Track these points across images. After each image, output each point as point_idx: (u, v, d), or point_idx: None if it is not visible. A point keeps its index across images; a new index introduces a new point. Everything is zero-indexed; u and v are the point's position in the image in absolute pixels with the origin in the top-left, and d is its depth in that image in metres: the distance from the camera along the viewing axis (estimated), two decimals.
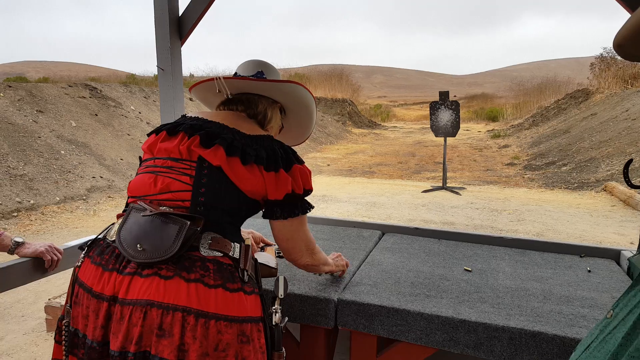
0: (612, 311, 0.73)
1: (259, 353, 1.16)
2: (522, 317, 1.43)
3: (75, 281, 1.21)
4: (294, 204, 1.27)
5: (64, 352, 1.21)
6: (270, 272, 1.44)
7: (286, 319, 1.33)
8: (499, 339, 1.38)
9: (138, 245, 1.12)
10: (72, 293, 1.22)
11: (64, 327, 1.22)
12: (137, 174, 1.31)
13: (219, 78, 1.35)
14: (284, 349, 1.27)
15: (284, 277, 1.36)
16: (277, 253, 1.84)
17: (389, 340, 1.58)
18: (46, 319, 3.02)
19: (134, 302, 1.08)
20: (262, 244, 1.79)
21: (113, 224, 1.27)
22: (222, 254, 1.16)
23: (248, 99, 1.38)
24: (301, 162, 1.30)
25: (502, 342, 1.37)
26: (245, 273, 1.18)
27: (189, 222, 1.11)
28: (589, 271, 1.86)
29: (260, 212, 1.33)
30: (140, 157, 1.37)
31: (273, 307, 1.29)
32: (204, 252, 1.14)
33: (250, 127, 1.29)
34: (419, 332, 1.46)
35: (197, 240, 1.14)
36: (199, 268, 1.11)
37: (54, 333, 2.97)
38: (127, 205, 1.29)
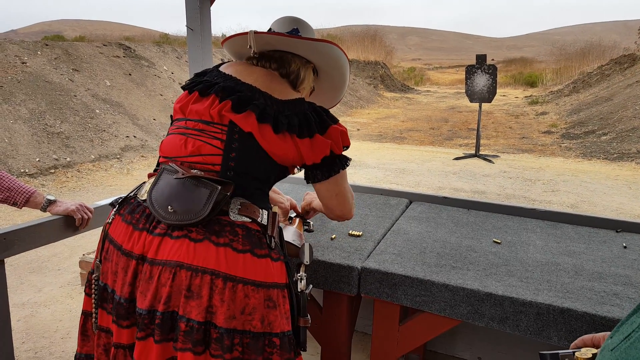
0: None
1: (284, 318, 1.17)
2: (551, 293, 1.39)
3: (105, 237, 1.24)
4: (331, 163, 1.25)
5: (93, 305, 1.24)
6: (296, 250, 1.44)
7: (311, 286, 1.33)
8: (525, 314, 1.35)
9: (169, 207, 1.12)
10: (102, 249, 1.24)
11: (93, 281, 1.25)
12: (168, 133, 1.31)
13: (251, 32, 1.30)
14: (309, 315, 1.28)
15: (309, 244, 1.35)
16: (305, 226, 1.78)
17: (412, 310, 1.57)
18: (80, 273, 3.14)
19: (164, 262, 1.10)
20: (292, 212, 1.75)
21: (144, 182, 1.28)
22: (250, 220, 1.16)
23: (281, 57, 1.34)
24: (336, 121, 1.27)
25: (529, 317, 1.34)
26: (273, 240, 1.19)
27: (219, 187, 1.11)
28: (625, 247, 1.79)
29: (288, 178, 1.31)
30: (171, 116, 1.36)
31: (298, 274, 1.29)
32: (233, 217, 1.14)
33: (282, 90, 1.26)
34: (443, 303, 1.44)
35: (227, 205, 1.14)
36: (228, 233, 1.12)
37: None
38: (158, 164, 1.29)
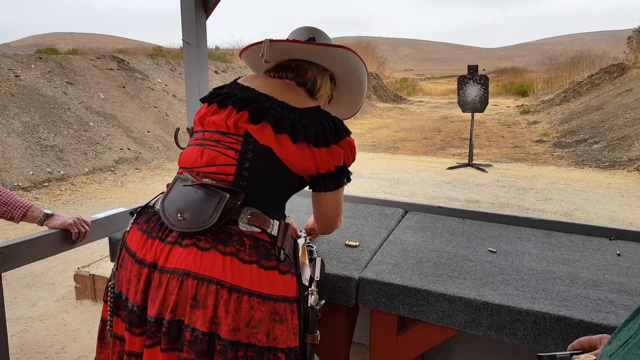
0: None
1: (291, 334, 1.15)
2: (547, 301, 1.40)
3: (123, 245, 1.26)
4: (342, 173, 1.27)
5: (109, 312, 1.26)
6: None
7: (322, 301, 1.30)
8: (522, 322, 1.36)
9: (179, 215, 1.14)
10: (119, 256, 1.26)
11: (109, 288, 1.27)
12: (187, 145, 1.32)
13: (266, 41, 1.30)
14: (318, 332, 1.24)
15: (321, 259, 1.35)
16: (308, 247, 1.63)
17: (410, 320, 1.57)
18: (75, 287, 3.12)
19: (172, 270, 1.11)
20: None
21: (162, 192, 1.29)
22: (260, 230, 1.16)
23: (297, 65, 1.35)
24: (349, 132, 1.29)
25: (526, 326, 1.35)
26: (282, 251, 1.18)
27: (228, 195, 1.12)
28: (619, 255, 1.81)
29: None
30: (191, 129, 1.37)
31: (310, 289, 1.28)
32: (243, 226, 1.14)
33: (299, 99, 1.27)
34: (441, 312, 1.45)
35: (237, 215, 1.15)
36: (236, 242, 1.12)
37: (81, 301, 3.08)
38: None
